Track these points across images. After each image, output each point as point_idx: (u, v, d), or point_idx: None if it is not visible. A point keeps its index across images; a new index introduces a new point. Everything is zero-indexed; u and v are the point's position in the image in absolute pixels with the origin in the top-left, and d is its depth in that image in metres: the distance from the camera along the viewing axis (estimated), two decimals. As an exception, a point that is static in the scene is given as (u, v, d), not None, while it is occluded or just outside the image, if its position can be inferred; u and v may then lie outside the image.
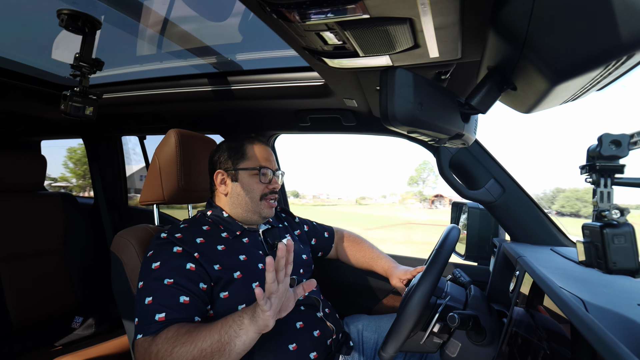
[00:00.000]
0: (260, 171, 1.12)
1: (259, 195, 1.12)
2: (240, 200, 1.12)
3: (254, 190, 1.12)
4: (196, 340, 0.80)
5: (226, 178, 1.14)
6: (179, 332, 0.82)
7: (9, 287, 1.57)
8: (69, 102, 1.16)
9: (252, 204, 1.12)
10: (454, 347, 0.90)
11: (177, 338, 0.81)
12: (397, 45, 0.69)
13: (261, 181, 1.12)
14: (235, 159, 1.14)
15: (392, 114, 0.56)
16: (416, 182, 46.35)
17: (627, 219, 0.51)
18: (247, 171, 1.12)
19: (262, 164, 1.13)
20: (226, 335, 0.79)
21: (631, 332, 0.42)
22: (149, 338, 0.84)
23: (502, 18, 0.48)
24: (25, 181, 1.75)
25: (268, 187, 1.13)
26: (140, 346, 0.84)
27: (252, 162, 1.13)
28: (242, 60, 1.32)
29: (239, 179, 1.13)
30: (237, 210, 1.13)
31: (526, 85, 0.56)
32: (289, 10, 0.59)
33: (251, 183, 1.12)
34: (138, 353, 0.85)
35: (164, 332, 0.83)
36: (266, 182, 1.13)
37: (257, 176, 1.12)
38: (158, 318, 0.86)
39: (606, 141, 0.52)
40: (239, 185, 1.12)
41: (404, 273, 1.24)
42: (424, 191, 45.63)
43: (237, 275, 1.00)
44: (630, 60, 0.41)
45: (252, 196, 1.12)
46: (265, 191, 1.13)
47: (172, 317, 0.87)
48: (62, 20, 1.01)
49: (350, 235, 1.50)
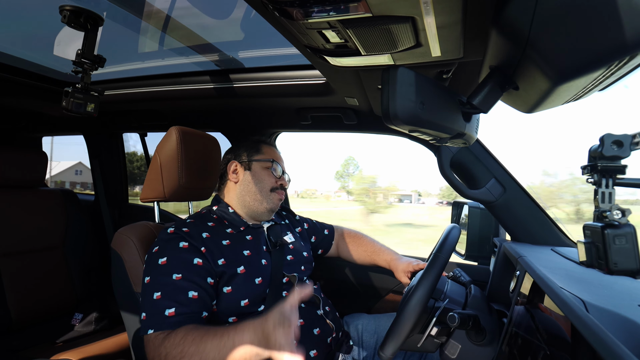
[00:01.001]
0: (273, 164, 1.18)
1: (269, 187, 1.16)
2: (250, 188, 1.16)
3: (264, 181, 1.16)
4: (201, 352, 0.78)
5: (239, 168, 1.19)
6: (186, 339, 0.81)
7: (9, 283, 1.58)
8: (71, 99, 1.16)
9: (261, 194, 1.15)
10: (454, 347, 0.90)
11: (185, 346, 0.80)
12: (399, 44, 0.68)
13: (273, 174, 1.18)
14: (251, 153, 1.21)
15: (394, 113, 0.56)
16: (342, 176, 47.19)
17: (629, 219, 0.51)
18: (260, 163, 1.19)
19: (274, 159, 1.20)
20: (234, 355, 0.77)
21: (632, 332, 0.42)
22: (161, 334, 0.84)
23: (504, 17, 0.48)
24: (26, 177, 1.75)
25: (277, 181, 1.18)
26: (152, 342, 0.84)
27: (267, 156, 1.20)
28: (244, 58, 1.32)
29: (252, 169, 1.18)
30: (245, 199, 1.16)
31: (528, 85, 0.56)
32: (292, 8, 0.59)
33: (263, 174, 1.17)
34: (149, 346, 0.85)
35: (173, 335, 0.83)
36: (277, 176, 1.19)
37: (269, 169, 1.18)
38: (168, 313, 0.86)
39: (608, 141, 0.52)
40: (250, 174, 1.17)
41: (408, 265, 1.26)
42: (349, 185, 46.40)
43: (241, 270, 1.01)
44: (632, 61, 0.41)
45: (262, 186, 1.16)
46: (275, 185, 1.18)
47: (181, 312, 0.87)
48: (65, 17, 1.02)
49: (350, 232, 1.51)
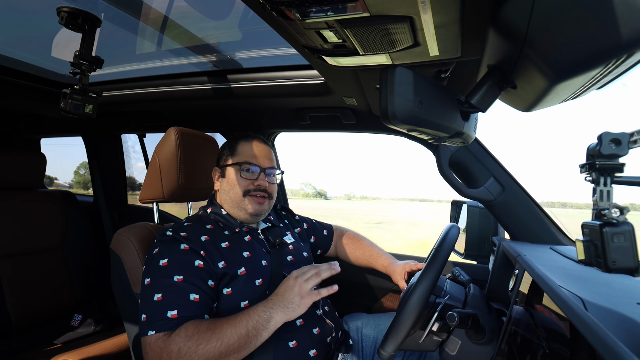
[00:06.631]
0: (241, 167, 1.12)
1: (242, 191, 1.11)
2: (226, 196, 1.14)
3: (236, 186, 1.12)
4: (222, 337, 0.82)
5: (218, 174, 1.18)
6: (199, 329, 0.83)
7: (9, 285, 1.58)
8: (69, 100, 1.16)
9: (237, 199, 1.12)
10: (453, 346, 0.90)
11: (200, 335, 0.81)
12: (397, 43, 0.68)
13: (242, 176, 1.11)
14: (227, 155, 1.16)
15: (392, 113, 0.56)
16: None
17: (627, 217, 0.51)
18: (232, 167, 1.14)
19: (246, 160, 1.13)
20: (254, 330, 0.85)
21: (630, 331, 0.43)
22: (164, 336, 0.83)
23: (502, 16, 0.48)
24: (25, 179, 1.75)
25: (253, 183, 1.12)
26: (154, 344, 0.83)
27: (239, 158, 1.14)
28: (242, 59, 1.32)
29: (225, 175, 1.15)
30: (228, 207, 1.15)
31: (526, 83, 0.56)
32: (289, 8, 0.59)
33: (235, 178, 1.12)
34: (150, 350, 0.84)
35: (183, 329, 0.83)
36: (250, 178, 1.12)
37: (239, 171, 1.12)
38: (170, 315, 0.86)
39: (606, 140, 0.52)
40: (225, 180, 1.15)
41: (404, 268, 1.25)
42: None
43: (241, 272, 1.01)
44: (630, 59, 0.41)
45: (235, 191, 1.12)
46: (250, 187, 1.12)
47: (184, 315, 0.87)
48: (62, 18, 1.01)
49: (349, 234, 1.50)
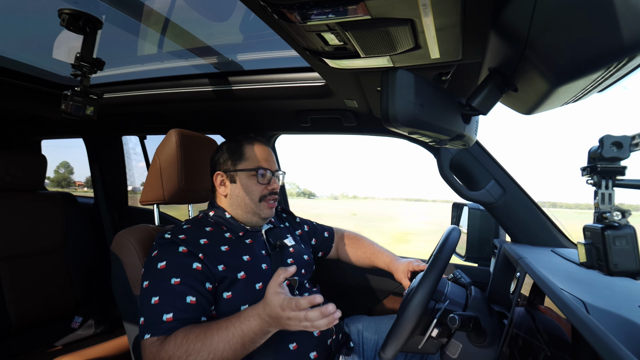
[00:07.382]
0: (258, 172, 1.10)
1: (258, 197, 1.10)
2: (239, 201, 1.11)
3: (252, 192, 1.10)
4: (209, 346, 0.80)
5: (225, 179, 1.13)
6: (188, 338, 0.82)
7: (9, 287, 1.57)
8: (70, 102, 1.16)
9: (252, 205, 1.11)
10: (455, 349, 0.89)
11: (189, 344, 0.81)
12: (398, 46, 0.68)
13: (259, 182, 1.10)
14: (234, 160, 1.12)
15: (393, 115, 0.56)
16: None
17: (629, 220, 0.51)
18: (245, 172, 1.11)
19: (260, 165, 1.11)
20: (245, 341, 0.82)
21: (632, 334, 0.42)
22: (158, 340, 0.84)
23: (503, 19, 0.48)
24: (26, 181, 1.75)
25: (267, 188, 1.11)
26: (149, 349, 0.84)
27: (251, 163, 1.11)
28: (243, 61, 1.32)
29: (237, 181, 1.11)
30: (237, 212, 1.12)
31: (527, 86, 0.56)
32: (290, 11, 0.59)
33: (250, 184, 1.10)
34: (146, 353, 0.84)
35: (172, 337, 0.83)
36: (265, 183, 1.11)
37: (256, 177, 1.10)
38: (166, 318, 0.86)
39: (607, 143, 0.52)
40: (237, 186, 1.11)
41: (407, 266, 1.25)
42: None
43: (241, 276, 1.00)
44: (631, 62, 0.41)
45: (251, 197, 1.10)
46: (265, 192, 1.11)
47: (179, 317, 0.86)
48: (63, 20, 1.02)
49: (350, 234, 1.50)
